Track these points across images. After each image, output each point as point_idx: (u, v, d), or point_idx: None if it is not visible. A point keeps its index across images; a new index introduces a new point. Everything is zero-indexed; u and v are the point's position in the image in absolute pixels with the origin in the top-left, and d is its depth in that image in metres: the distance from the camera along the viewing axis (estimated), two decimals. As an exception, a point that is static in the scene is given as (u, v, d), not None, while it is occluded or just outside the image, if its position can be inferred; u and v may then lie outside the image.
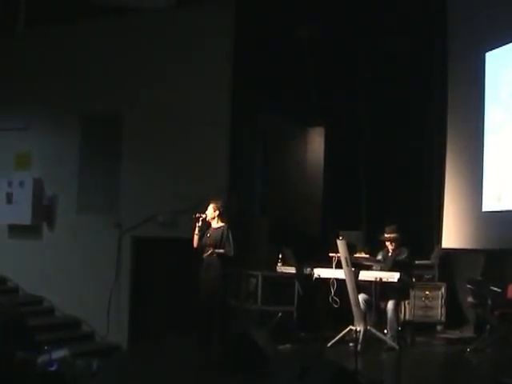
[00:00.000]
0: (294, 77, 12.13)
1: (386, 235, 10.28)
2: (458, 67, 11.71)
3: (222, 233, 9.84)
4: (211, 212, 9.96)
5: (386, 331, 9.93)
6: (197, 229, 9.91)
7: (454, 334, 11.00)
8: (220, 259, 9.77)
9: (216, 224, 9.98)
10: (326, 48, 12.20)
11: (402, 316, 10.33)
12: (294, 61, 12.10)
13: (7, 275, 13.05)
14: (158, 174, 12.01)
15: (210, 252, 9.73)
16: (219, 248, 9.78)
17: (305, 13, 11.68)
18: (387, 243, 10.30)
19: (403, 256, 10.14)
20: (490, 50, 11.08)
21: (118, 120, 12.42)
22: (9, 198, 13.02)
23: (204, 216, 9.91)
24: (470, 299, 10.55)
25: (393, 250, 10.24)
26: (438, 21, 11.93)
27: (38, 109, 13.07)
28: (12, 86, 13.20)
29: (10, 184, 13.04)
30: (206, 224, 9.98)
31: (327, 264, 10.12)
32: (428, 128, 12.14)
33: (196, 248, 9.95)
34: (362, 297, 10.03)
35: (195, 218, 9.88)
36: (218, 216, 9.98)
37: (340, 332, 9.87)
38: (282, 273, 10.73)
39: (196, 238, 9.94)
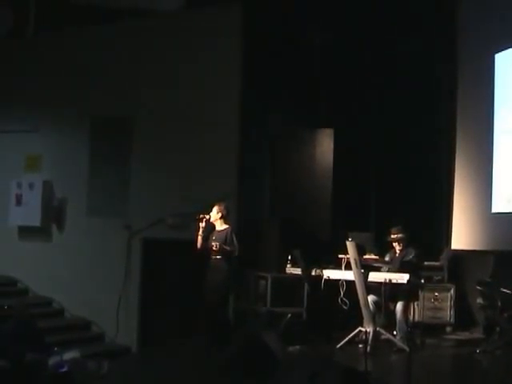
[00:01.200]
0: (303, 78, 12.13)
1: (391, 236, 10.29)
2: (467, 68, 11.70)
3: (226, 235, 9.89)
4: (215, 214, 10.01)
5: (395, 332, 9.93)
6: (200, 230, 9.92)
7: (463, 336, 10.99)
8: (225, 261, 9.80)
9: (220, 226, 10.03)
10: (336, 49, 12.19)
11: (411, 317, 10.32)
12: (303, 62, 12.10)
13: (17, 277, 13.09)
14: (167, 175, 12.03)
15: (216, 247, 9.70)
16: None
17: (314, 15, 11.69)
18: (394, 244, 10.31)
19: (410, 256, 10.14)
20: (500, 51, 11.07)
21: (127, 122, 12.45)
22: (18, 200, 13.06)
23: (208, 217, 9.95)
24: (479, 301, 10.53)
25: (400, 250, 10.25)
26: (447, 22, 11.92)
27: (48, 111, 13.11)
28: (22, 88, 13.24)
29: (19, 185, 13.07)
30: (210, 226, 10.00)
31: (337, 265, 10.14)
32: (438, 129, 12.13)
33: (199, 249, 9.97)
34: (371, 298, 10.02)
35: (199, 219, 9.90)
36: (222, 218, 10.02)
37: (349, 333, 9.88)
38: (291, 274, 10.73)
39: (199, 238, 9.94)
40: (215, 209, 10.05)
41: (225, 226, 10.03)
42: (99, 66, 12.69)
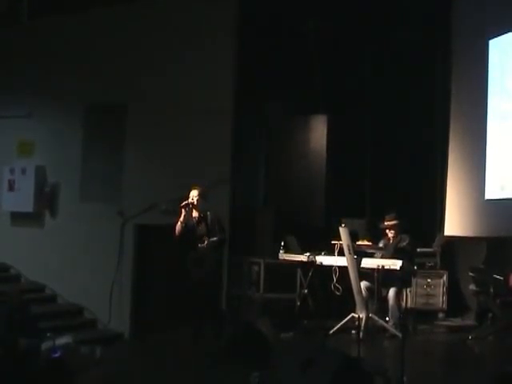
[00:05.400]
0: (297, 64, 12.11)
1: (385, 223, 10.30)
2: (461, 54, 11.69)
3: (212, 221, 9.70)
4: (199, 198, 9.69)
5: (387, 319, 9.96)
6: (182, 217, 9.65)
7: (455, 322, 11.03)
8: (214, 249, 9.67)
9: (197, 213, 9.77)
10: (329, 35, 12.15)
11: (403, 303, 10.34)
12: (296, 48, 12.07)
13: (9, 262, 13.07)
14: (160, 161, 12.01)
15: (206, 242, 9.60)
16: (212, 236, 9.66)
17: (309, 1, 11.66)
18: (387, 231, 10.32)
19: (404, 243, 10.16)
20: (493, 37, 11.06)
21: (121, 108, 12.40)
22: (11, 186, 13.03)
23: (191, 201, 9.67)
24: (471, 287, 10.59)
25: (393, 237, 10.26)
26: (440, 7, 11.89)
27: (41, 96, 13.07)
28: (15, 73, 13.19)
29: (12, 171, 13.04)
30: (192, 210, 9.74)
31: (330, 251, 10.15)
32: (431, 115, 12.13)
33: (178, 236, 9.71)
34: (363, 284, 10.05)
35: (183, 206, 9.62)
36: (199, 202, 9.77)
37: (342, 319, 9.90)
38: (284, 260, 10.74)
39: (180, 226, 9.65)
40: (196, 192, 9.73)
41: (205, 213, 9.78)
42: (93, 53, 12.64)
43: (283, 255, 10.72)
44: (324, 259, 10.25)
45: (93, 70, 12.60)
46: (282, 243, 10.73)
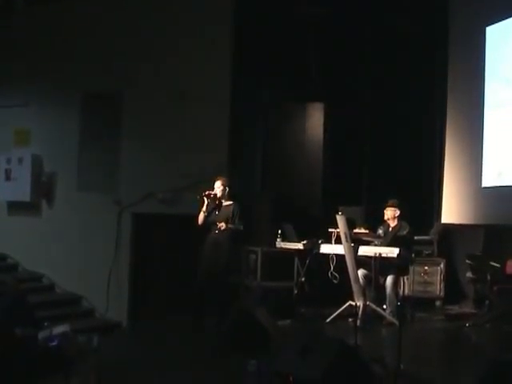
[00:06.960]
0: (294, 51, 12.08)
1: (387, 207, 10.23)
2: (458, 41, 11.68)
3: (233, 211, 9.66)
4: (222, 188, 9.69)
5: (385, 306, 9.96)
6: (204, 206, 9.65)
7: (453, 310, 11.03)
8: (229, 236, 9.67)
9: (225, 201, 9.77)
10: (327, 23, 12.13)
11: (400, 291, 10.34)
12: (294, 35, 12.04)
13: (6, 252, 13.06)
14: (157, 150, 11.99)
15: (223, 227, 9.55)
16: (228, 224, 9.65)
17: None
18: (387, 214, 10.21)
19: (404, 232, 10.12)
20: (491, 24, 11.04)
21: (118, 97, 12.37)
22: (7, 175, 13.00)
23: (214, 193, 9.66)
24: (469, 274, 10.59)
25: (393, 223, 10.21)
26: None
27: (37, 85, 13.04)
28: (12, 62, 13.15)
29: (8, 161, 13.02)
30: (216, 201, 9.73)
31: (327, 239, 10.14)
32: (428, 103, 12.11)
33: (200, 225, 9.76)
34: (361, 272, 10.03)
35: (205, 195, 9.60)
36: (226, 193, 9.82)
37: (339, 307, 9.89)
38: (281, 248, 10.74)
39: (202, 215, 9.67)
40: (220, 183, 9.72)
41: (229, 202, 9.78)
42: (89, 41, 12.59)
43: (280, 243, 10.72)
44: (321, 247, 10.24)
45: (90, 58, 12.55)
46: (280, 231, 10.72)
